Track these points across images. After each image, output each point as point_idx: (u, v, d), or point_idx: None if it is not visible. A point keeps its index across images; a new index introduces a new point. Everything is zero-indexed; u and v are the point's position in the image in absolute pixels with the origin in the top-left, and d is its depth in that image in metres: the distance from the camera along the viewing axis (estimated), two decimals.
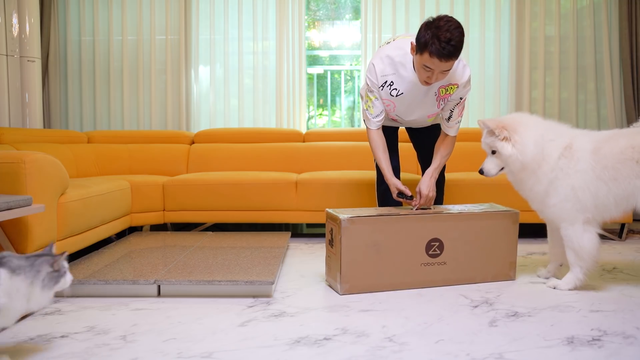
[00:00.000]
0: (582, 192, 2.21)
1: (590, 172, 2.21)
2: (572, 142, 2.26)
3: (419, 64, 2.31)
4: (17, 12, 3.94)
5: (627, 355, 1.57)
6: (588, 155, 2.22)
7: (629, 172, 2.16)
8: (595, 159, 2.21)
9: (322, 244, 3.41)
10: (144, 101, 4.65)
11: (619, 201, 2.21)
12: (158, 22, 4.62)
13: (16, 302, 1.46)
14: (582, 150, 2.23)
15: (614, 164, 2.18)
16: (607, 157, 2.20)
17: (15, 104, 3.96)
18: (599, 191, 2.20)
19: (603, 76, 4.49)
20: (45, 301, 1.53)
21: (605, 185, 2.19)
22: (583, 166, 2.21)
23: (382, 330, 1.78)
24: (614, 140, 2.23)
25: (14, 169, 2.22)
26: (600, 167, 2.19)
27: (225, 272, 2.33)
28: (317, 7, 5.00)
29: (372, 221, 2.26)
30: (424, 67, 2.28)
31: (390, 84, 2.47)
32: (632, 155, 2.16)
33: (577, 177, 2.21)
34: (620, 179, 2.18)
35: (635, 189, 2.17)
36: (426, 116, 2.64)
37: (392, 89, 2.48)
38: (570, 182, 2.22)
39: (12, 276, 1.45)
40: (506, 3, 4.55)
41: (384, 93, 2.51)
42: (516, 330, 1.78)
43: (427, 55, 2.22)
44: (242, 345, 1.65)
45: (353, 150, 4.14)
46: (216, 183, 3.57)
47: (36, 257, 1.53)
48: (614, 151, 2.20)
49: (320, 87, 5.03)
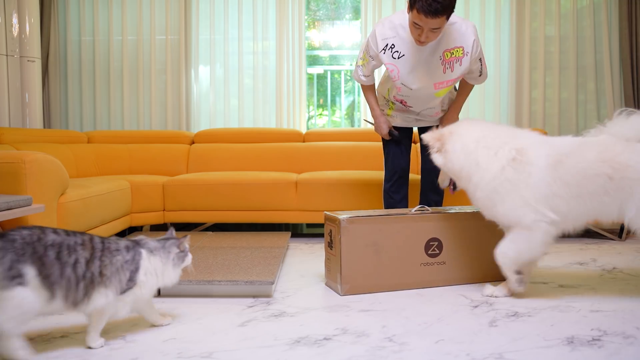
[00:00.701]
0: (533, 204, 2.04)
1: (545, 188, 2.02)
2: (522, 152, 2.07)
3: (410, 22, 2.37)
4: (17, 12, 3.94)
5: (627, 355, 1.57)
6: (544, 169, 2.03)
7: (597, 189, 1.98)
8: (553, 175, 2.02)
9: (322, 244, 3.41)
10: (144, 101, 4.65)
11: (579, 217, 2.05)
12: (158, 22, 4.62)
13: (151, 279, 1.71)
14: (535, 164, 2.04)
15: (579, 180, 1.99)
16: (570, 173, 2.00)
17: (15, 104, 3.96)
18: (558, 208, 2.03)
19: (603, 76, 4.49)
20: (175, 278, 1.79)
21: (565, 203, 2.02)
22: (536, 181, 2.03)
23: (382, 330, 1.78)
24: (580, 153, 2.02)
25: (14, 169, 2.22)
26: (561, 184, 2.00)
27: (225, 272, 2.33)
28: (317, 7, 5.00)
29: (371, 221, 2.26)
30: (414, 24, 2.34)
31: (391, 46, 2.51)
32: (603, 170, 1.96)
33: (528, 191, 2.03)
34: (585, 196, 2.00)
35: (602, 205, 2.00)
36: (432, 84, 2.58)
37: (393, 51, 2.51)
38: (521, 193, 2.04)
39: (150, 256, 1.71)
40: (506, 3, 4.55)
41: (386, 57, 2.54)
42: (516, 330, 1.78)
43: (415, 12, 2.27)
44: (242, 345, 1.65)
45: (353, 150, 4.14)
46: (216, 183, 3.57)
47: (165, 240, 1.78)
48: (579, 166, 1.99)
49: (320, 87, 5.03)
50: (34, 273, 1.48)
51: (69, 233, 1.59)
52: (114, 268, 1.62)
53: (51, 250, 1.52)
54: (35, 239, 1.51)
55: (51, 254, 1.52)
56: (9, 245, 1.48)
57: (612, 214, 2.02)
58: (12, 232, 1.52)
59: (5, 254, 1.47)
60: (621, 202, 1.97)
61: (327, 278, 2.41)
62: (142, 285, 1.69)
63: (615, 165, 1.95)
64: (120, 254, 1.65)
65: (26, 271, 1.47)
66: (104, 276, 1.60)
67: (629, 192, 1.95)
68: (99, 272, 1.59)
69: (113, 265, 1.62)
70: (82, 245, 1.59)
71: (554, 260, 2.89)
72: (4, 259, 1.46)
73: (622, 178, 1.95)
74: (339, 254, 2.23)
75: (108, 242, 1.66)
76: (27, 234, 1.52)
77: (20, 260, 1.47)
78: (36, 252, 1.50)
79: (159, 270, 1.73)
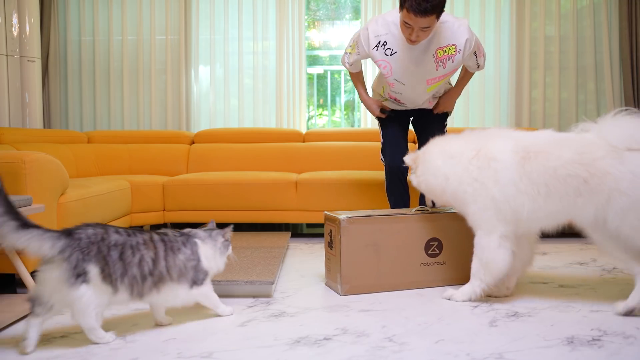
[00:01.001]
0: (503, 204, 1.96)
1: (511, 185, 1.94)
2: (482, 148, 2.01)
3: (401, 21, 2.40)
4: (17, 12, 3.94)
5: (627, 355, 1.57)
6: (509, 166, 1.94)
7: (569, 190, 1.85)
8: (519, 172, 1.92)
9: (322, 244, 3.41)
10: (144, 101, 4.65)
11: (551, 216, 1.94)
12: (158, 22, 4.63)
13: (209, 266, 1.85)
14: (500, 160, 1.96)
15: (547, 179, 1.88)
16: (538, 171, 1.89)
17: (15, 104, 3.97)
18: (523, 207, 1.93)
19: (603, 76, 4.49)
20: (222, 265, 1.90)
21: (533, 201, 1.92)
22: (500, 177, 1.95)
23: (382, 330, 1.78)
24: (553, 151, 1.90)
25: (14, 169, 2.21)
26: (527, 181, 1.91)
27: (225, 272, 2.32)
28: (317, 7, 5.00)
29: (371, 221, 2.26)
30: (404, 24, 2.37)
31: (384, 43, 2.54)
32: (577, 172, 1.83)
33: (496, 189, 1.96)
34: (554, 196, 1.88)
35: (575, 207, 1.87)
36: (425, 80, 2.61)
37: (386, 48, 2.54)
38: (489, 193, 1.98)
39: (202, 245, 1.84)
40: (506, 3, 4.55)
41: (378, 54, 2.57)
42: (516, 330, 1.77)
43: (405, 11, 2.31)
44: (242, 345, 1.65)
45: (353, 150, 4.14)
46: (216, 183, 3.57)
47: (210, 230, 1.90)
48: (550, 164, 1.88)
49: (320, 87, 5.04)
50: (96, 271, 1.57)
51: (130, 233, 1.68)
52: (179, 266, 1.76)
53: (114, 250, 1.61)
54: (99, 239, 1.60)
55: (114, 254, 1.61)
56: (75, 244, 1.56)
57: (587, 216, 1.86)
58: (78, 230, 1.59)
59: (72, 253, 1.55)
60: (597, 206, 1.83)
61: (327, 278, 2.41)
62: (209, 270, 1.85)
63: (592, 170, 1.81)
64: (182, 253, 1.77)
65: (90, 269, 1.56)
66: (171, 274, 1.73)
67: (606, 199, 1.80)
68: (167, 271, 1.72)
69: (177, 265, 1.75)
70: (144, 244, 1.69)
71: (554, 260, 2.90)
72: (71, 257, 1.54)
73: (599, 184, 1.81)
74: (339, 254, 2.23)
75: (168, 240, 1.77)
76: (92, 233, 1.60)
77: (85, 259, 1.55)
78: (100, 252, 1.59)
79: (210, 258, 1.85)
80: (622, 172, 1.78)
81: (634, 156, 1.79)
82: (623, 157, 1.79)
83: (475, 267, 2.08)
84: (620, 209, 1.79)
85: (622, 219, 1.80)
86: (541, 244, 3.32)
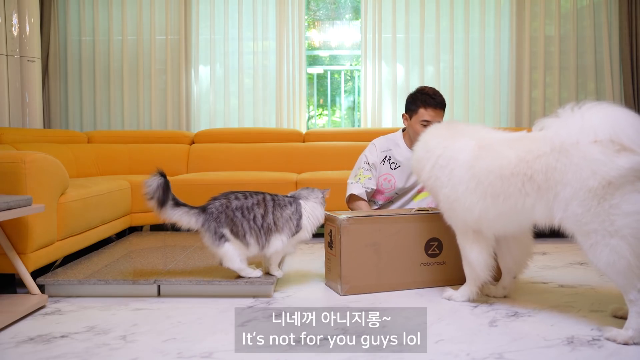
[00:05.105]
0: (455, 204, 1.98)
1: (462, 185, 1.94)
2: (450, 147, 2.02)
3: (415, 124, 2.56)
4: (17, 12, 3.94)
5: (627, 355, 1.57)
6: (463, 165, 1.94)
7: (513, 190, 1.80)
8: (470, 172, 1.92)
9: (322, 244, 3.40)
10: (144, 101, 4.65)
11: (505, 217, 1.88)
12: (158, 22, 4.63)
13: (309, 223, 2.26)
14: (456, 159, 1.97)
15: (492, 179, 1.85)
16: (483, 171, 1.87)
17: (15, 104, 3.97)
18: (473, 207, 1.92)
19: (603, 76, 4.49)
20: (322, 217, 2.30)
21: (483, 201, 1.89)
22: (453, 176, 1.97)
23: (381, 331, 1.78)
24: (499, 150, 1.87)
25: (14, 169, 2.21)
26: (475, 182, 1.90)
27: (225, 272, 2.32)
28: (317, 7, 5.01)
29: (371, 221, 2.26)
30: (421, 123, 2.53)
31: (389, 158, 2.74)
32: (521, 170, 1.78)
33: (449, 188, 1.98)
34: (503, 196, 1.83)
35: (524, 207, 1.80)
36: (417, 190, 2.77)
37: (391, 162, 2.72)
38: (445, 192, 2.01)
39: (306, 204, 2.26)
40: (506, 3, 4.55)
41: (384, 168, 2.72)
42: (516, 330, 1.78)
43: (423, 109, 2.53)
44: (242, 345, 1.65)
45: (353, 150, 4.13)
46: (216, 183, 3.57)
47: (309, 189, 2.32)
48: (495, 163, 1.85)
49: (320, 87, 5.04)
50: (228, 231, 2.10)
51: (247, 195, 2.16)
52: (284, 219, 2.18)
53: (238, 212, 2.12)
54: (225, 208, 2.12)
55: (238, 214, 2.11)
56: (210, 216, 2.11)
57: (541, 216, 1.79)
58: (209, 205, 2.14)
59: (210, 223, 2.11)
60: (547, 204, 1.75)
61: (327, 278, 2.41)
62: (305, 228, 2.24)
63: (537, 167, 1.75)
64: (287, 208, 2.20)
65: (225, 231, 2.10)
66: (277, 225, 2.16)
67: (554, 195, 1.72)
68: (274, 223, 2.15)
69: (283, 217, 2.17)
70: (257, 204, 2.15)
71: (554, 260, 2.89)
72: (210, 226, 2.10)
73: (546, 180, 1.73)
74: (339, 254, 2.23)
75: (277, 199, 2.20)
76: (218, 204, 2.13)
77: (219, 225, 2.10)
78: (228, 216, 2.11)
79: (311, 212, 2.24)
80: (566, 164, 1.69)
81: (580, 148, 1.67)
82: (569, 151, 1.69)
83: (464, 267, 2.12)
84: (564, 198, 1.70)
85: (564, 209, 1.70)
86: (541, 244, 3.32)
